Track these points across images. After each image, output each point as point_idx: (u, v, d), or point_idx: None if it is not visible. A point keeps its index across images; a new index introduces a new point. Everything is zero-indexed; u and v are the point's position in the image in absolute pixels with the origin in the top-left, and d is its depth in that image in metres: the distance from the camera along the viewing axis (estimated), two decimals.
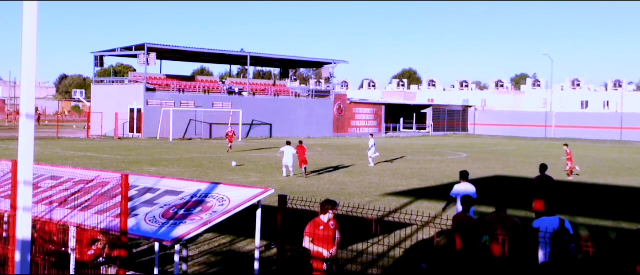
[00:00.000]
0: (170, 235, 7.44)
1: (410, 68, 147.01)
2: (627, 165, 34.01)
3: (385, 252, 11.44)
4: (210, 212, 7.83)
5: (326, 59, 68.60)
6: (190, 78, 64.66)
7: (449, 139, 64.06)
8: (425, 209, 17.10)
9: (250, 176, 24.97)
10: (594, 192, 23.04)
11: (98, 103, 56.26)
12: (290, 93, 66.55)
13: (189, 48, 58.03)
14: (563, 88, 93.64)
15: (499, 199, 9.99)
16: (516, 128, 75.68)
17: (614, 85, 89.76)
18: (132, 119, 53.48)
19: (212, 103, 57.02)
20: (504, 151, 45.19)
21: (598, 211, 18.00)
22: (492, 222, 9.57)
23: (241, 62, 71.32)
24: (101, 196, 8.39)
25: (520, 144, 56.98)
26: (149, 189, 8.75)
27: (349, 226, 9.50)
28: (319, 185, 22.30)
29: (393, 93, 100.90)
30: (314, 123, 64.01)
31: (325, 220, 8.57)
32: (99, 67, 59.82)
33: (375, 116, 70.88)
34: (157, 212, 8.04)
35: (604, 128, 69.07)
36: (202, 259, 11.41)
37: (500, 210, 9.87)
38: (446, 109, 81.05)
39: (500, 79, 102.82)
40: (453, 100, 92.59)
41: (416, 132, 76.78)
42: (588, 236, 13.26)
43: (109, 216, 7.97)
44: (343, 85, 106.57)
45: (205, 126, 55.94)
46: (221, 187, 8.52)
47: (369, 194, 20.34)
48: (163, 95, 54.65)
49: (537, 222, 9.67)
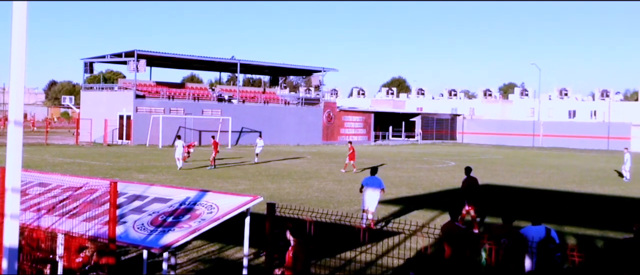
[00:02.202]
0: (159, 243, 7.43)
1: (400, 76, 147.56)
2: (613, 174, 34.26)
3: (373, 260, 11.46)
4: (198, 219, 7.83)
5: (316, 66, 68.75)
6: (179, 85, 64.56)
7: (438, 147, 64.28)
8: (413, 217, 17.15)
9: (239, 184, 24.93)
10: (581, 201, 23.20)
11: (87, 109, 56.04)
12: (280, 100, 66.60)
13: (179, 55, 57.97)
14: (550, 97, 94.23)
15: (506, 211, 9.96)
16: (504, 137, 76.05)
17: (601, 95, 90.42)
18: (122, 126, 53.35)
19: (201, 110, 56.95)
20: (492, 160, 45.40)
21: (585, 220, 18.12)
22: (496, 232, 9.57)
23: (231, 69, 71.24)
24: (89, 203, 8.38)
25: (507, 152, 57.27)
26: (137, 196, 8.75)
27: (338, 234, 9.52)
28: (308, 193, 22.31)
29: (382, 101, 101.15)
30: (304, 131, 64.05)
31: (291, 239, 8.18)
32: (88, 74, 59.67)
33: (364, 124, 71.02)
34: (146, 220, 8.03)
35: (591, 137, 69.57)
36: (191, 266, 11.39)
37: (507, 222, 9.83)
38: (435, 118, 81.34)
39: (488, 88, 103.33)
40: (442, 108, 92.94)
41: (405, 140, 76.98)
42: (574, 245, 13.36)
43: (97, 223, 7.96)
44: (332, 93, 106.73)
45: (194, 133, 55.79)
46: (210, 195, 8.53)
47: (358, 202, 20.31)
48: (152, 102, 54.54)
49: (524, 231, 9.72)
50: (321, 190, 23.35)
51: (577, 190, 26.58)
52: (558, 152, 61.16)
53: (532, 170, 36.23)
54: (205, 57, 60.75)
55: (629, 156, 32.14)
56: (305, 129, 64.21)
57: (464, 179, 16.88)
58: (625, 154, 32.56)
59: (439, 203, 20.53)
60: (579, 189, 27.03)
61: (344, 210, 17.41)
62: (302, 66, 68.72)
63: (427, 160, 42.81)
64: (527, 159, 48.17)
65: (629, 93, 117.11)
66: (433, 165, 38.80)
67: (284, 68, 68.67)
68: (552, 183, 29.14)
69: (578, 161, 46.13)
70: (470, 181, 16.63)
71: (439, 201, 21.28)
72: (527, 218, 15.04)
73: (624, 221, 17.72)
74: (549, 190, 26.32)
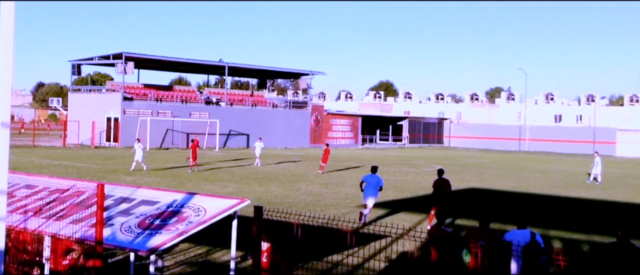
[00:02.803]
0: (146, 246, 7.44)
1: (387, 80, 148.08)
2: (599, 178, 34.51)
3: (360, 263, 11.51)
4: (186, 222, 7.85)
5: (304, 70, 68.83)
6: (167, 87, 64.37)
7: (425, 151, 64.51)
8: (400, 220, 17.22)
9: (226, 186, 24.91)
10: (566, 205, 23.39)
11: (75, 111, 55.77)
12: (268, 103, 66.57)
13: (167, 57, 57.84)
14: (537, 102, 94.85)
15: (482, 213, 10.08)
16: (490, 141, 76.43)
17: (586, 100, 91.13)
18: (109, 128, 53.16)
19: (189, 113, 56.85)
20: (478, 164, 45.63)
21: (570, 224, 18.28)
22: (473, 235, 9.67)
23: (219, 72, 71.17)
24: (76, 205, 8.37)
25: (494, 156, 57.58)
26: (124, 198, 8.75)
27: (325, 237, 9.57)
28: (296, 196, 22.33)
29: (370, 105, 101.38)
30: (291, 134, 64.04)
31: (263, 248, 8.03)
32: (76, 76, 59.43)
33: (352, 127, 71.15)
34: (133, 222, 8.03)
35: (577, 142, 70.12)
36: (178, 269, 11.38)
37: (484, 225, 9.95)
38: (422, 121, 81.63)
39: (475, 92, 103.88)
40: (429, 112, 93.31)
41: (392, 144, 77.17)
42: (560, 249, 13.47)
43: (84, 226, 7.95)
44: (320, 96, 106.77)
45: (182, 136, 55.68)
46: (197, 198, 8.54)
47: (345, 205, 20.42)
48: (140, 105, 54.37)
49: (509, 235, 9.81)
50: (308, 194, 23.38)
51: (563, 194, 26.79)
52: (544, 156, 61.59)
53: (518, 174, 36.46)
54: (193, 59, 60.66)
55: (598, 160, 32.87)
56: (292, 132, 64.22)
57: (434, 180, 17.58)
58: (596, 157, 33.37)
59: (425, 206, 20.59)
60: (564, 193, 27.24)
61: (331, 213, 17.45)
62: (290, 69, 68.78)
63: (414, 164, 42.97)
64: (513, 163, 48.46)
65: (615, 98, 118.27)
66: (420, 168, 38.94)
67: (272, 71, 68.69)
68: (538, 187, 29.34)
69: (564, 165, 46.47)
70: (440, 183, 17.31)
71: (425, 205, 21.33)
72: (512, 222, 15.18)
73: (609, 225, 17.90)
74: (534, 194, 26.52)
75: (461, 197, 24.54)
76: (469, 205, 21.79)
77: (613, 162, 53.39)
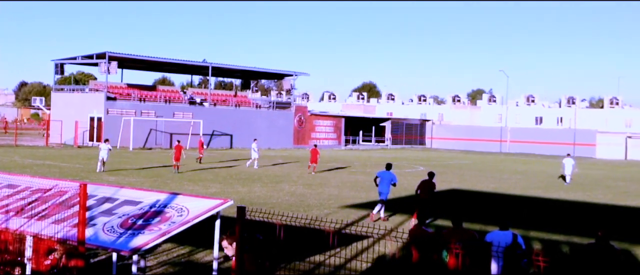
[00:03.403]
0: (128, 246, 7.44)
1: (370, 81, 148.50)
2: (579, 180, 34.95)
3: (342, 264, 11.59)
4: (168, 222, 7.85)
5: (287, 70, 68.82)
6: (151, 87, 64.09)
7: (407, 152, 64.79)
8: (382, 221, 17.33)
9: (209, 187, 24.89)
10: (547, 206, 23.66)
11: (58, 111, 55.40)
12: (251, 104, 66.49)
13: (151, 57, 57.60)
14: (518, 104, 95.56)
15: (455, 214, 10.21)
16: (472, 142, 76.95)
17: (567, 102, 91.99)
18: (92, 128, 52.89)
19: (173, 113, 56.66)
20: (460, 165, 45.94)
21: (550, 225, 18.50)
22: (449, 235, 9.78)
23: (203, 73, 70.94)
24: (59, 205, 8.34)
25: (475, 158, 57.98)
26: (107, 198, 8.73)
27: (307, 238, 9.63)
28: (279, 197, 22.37)
29: (353, 106, 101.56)
30: (275, 134, 64.01)
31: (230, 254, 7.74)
32: (59, 75, 59.02)
33: (335, 128, 71.26)
34: (116, 222, 8.03)
35: (557, 144, 70.76)
36: (160, 269, 11.39)
37: (457, 225, 10.10)
38: (404, 123, 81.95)
39: (457, 94, 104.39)
40: (411, 114, 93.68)
41: (375, 145, 77.40)
42: (540, 250, 13.64)
43: (67, 225, 7.93)
44: (304, 97, 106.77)
45: (165, 136, 55.48)
46: (180, 198, 8.54)
47: (328, 206, 20.50)
48: (124, 105, 54.13)
49: (490, 236, 9.91)
50: (292, 194, 23.43)
51: (543, 195, 27.08)
52: (525, 157, 62.13)
53: (499, 176, 36.78)
54: (177, 59, 60.46)
55: (570, 161, 33.63)
56: (276, 133, 64.19)
57: (423, 181, 18.25)
58: (566, 159, 34.18)
59: (407, 207, 20.75)
60: (545, 194, 27.54)
61: (314, 213, 17.53)
62: (274, 70, 68.76)
63: (397, 165, 43.10)
64: (494, 164, 48.83)
65: (595, 100, 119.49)
66: (402, 169, 39.12)
67: (255, 72, 68.63)
68: (519, 188, 29.63)
69: (544, 167, 46.92)
70: (428, 184, 17.98)
71: (407, 205, 21.51)
72: (493, 223, 15.34)
73: (588, 227, 18.16)
74: (515, 195, 26.78)
75: (442, 198, 24.73)
76: (450, 206, 21.95)
77: (593, 164, 54.03)
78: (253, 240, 9.25)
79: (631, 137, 70.30)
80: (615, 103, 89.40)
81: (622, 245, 15.20)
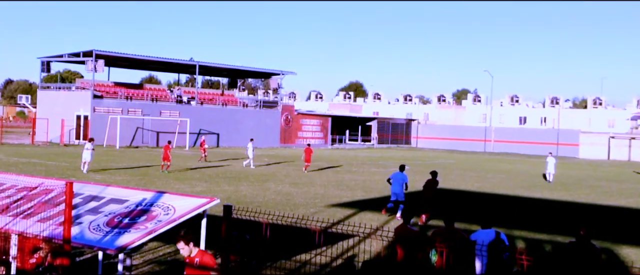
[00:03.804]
0: (114, 244, 7.45)
1: (357, 81, 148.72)
2: (562, 180, 35.27)
3: (328, 262, 11.65)
4: (155, 221, 7.87)
5: (274, 69, 68.80)
6: (138, 86, 63.86)
7: (393, 152, 64.99)
8: (368, 220, 17.42)
9: (196, 185, 24.86)
10: (530, 205, 23.87)
11: (44, 109, 55.08)
12: (238, 103, 66.42)
13: (138, 56, 57.38)
14: (502, 104, 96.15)
15: (447, 213, 10.25)
16: (457, 142, 77.34)
17: (551, 102, 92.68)
18: (79, 126, 52.68)
19: (159, 111, 56.48)
20: (445, 164, 46.15)
21: (533, 224, 18.68)
22: (438, 235, 9.85)
23: (190, 71, 70.74)
24: (45, 204, 8.34)
25: (460, 157, 58.28)
26: (93, 197, 8.74)
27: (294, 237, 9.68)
28: (265, 196, 22.40)
29: (339, 105, 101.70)
30: (261, 133, 63.93)
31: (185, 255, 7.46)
32: (45, 73, 58.73)
33: (322, 128, 71.33)
34: (102, 221, 8.04)
35: (541, 143, 71.34)
36: (146, 268, 11.39)
37: (449, 224, 10.16)
38: (390, 122, 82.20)
39: (442, 94, 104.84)
40: (397, 113, 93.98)
41: (361, 144, 77.55)
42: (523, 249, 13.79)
43: (52, 224, 7.93)
44: (290, 96, 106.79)
45: (152, 134, 55.29)
46: (166, 196, 8.57)
47: (314, 205, 20.57)
48: (110, 103, 53.94)
49: (474, 235, 10.01)
50: (278, 193, 23.47)
51: (527, 195, 27.31)
52: (509, 157, 62.54)
53: (483, 175, 37.02)
54: (164, 58, 60.29)
55: (552, 160, 34.42)
56: (263, 132, 64.14)
57: (427, 180, 19.24)
58: (548, 158, 34.94)
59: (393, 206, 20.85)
60: (528, 193, 27.77)
61: (300, 212, 17.58)
62: (261, 69, 68.71)
63: (383, 164, 43.30)
64: (478, 163, 49.11)
65: (578, 101, 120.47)
66: (388, 169, 39.24)
67: (242, 70, 68.53)
68: (503, 188, 29.86)
69: (528, 166, 47.26)
70: (431, 183, 18.98)
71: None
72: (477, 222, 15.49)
73: (571, 226, 18.38)
74: (499, 194, 26.99)
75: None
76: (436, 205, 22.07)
77: (576, 164, 54.52)
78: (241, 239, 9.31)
79: (614, 137, 70.97)
80: (599, 103, 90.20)
81: (605, 245, 15.42)
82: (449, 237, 9.46)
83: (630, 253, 14.79)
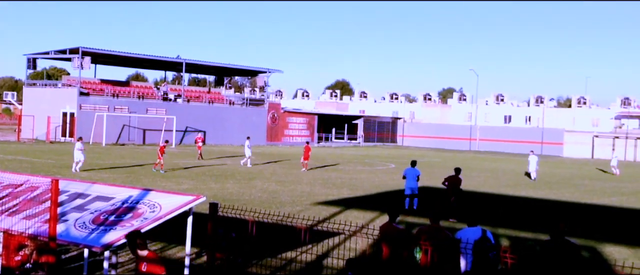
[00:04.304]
0: (100, 242, 7.46)
1: (343, 79, 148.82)
2: (546, 178, 35.58)
3: (314, 260, 11.71)
4: (141, 218, 7.88)
5: (261, 67, 68.73)
6: (124, 83, 63.60)
7: (379, 150, 65.19)
8: (354, 218, 17.49)
9: (182, 183, 24.82)
10: (515, 203, 24.08)
11: (30, 106, 54.77)
12: (225, 101, 66.33)
13: (124, 53, 57.15)
14: (487, 103, 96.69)
15: (433, 211, 10.29)
16: (442, 140, 77.66)
17: (536, 101, 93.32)
18: (65, 123, 52.46)
19: (146, 109, 56.30)
20: (430, 163, 46.37)
21: (518, 222, 18.84)
22: (423, 233, 9.91)
23: (176, 69, 70.41)
24: (30, 201, 8.33)
25: (445, 155, 58.54)
26: (79, 194, 8.73)
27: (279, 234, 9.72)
28: (251, 194, 22.42)
29: (326, 103, 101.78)
30: (248, 131, 63.70)
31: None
32: (31, 70, 58.37)
33: (308, 126, 71.38)
34: (87, 218, 8.03)
35: (526, 142, 71.84)
36: (132, 265, 11.35)
37: (434, 222, 10.20)
38: (376, 120, 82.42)
39: (428, 93, 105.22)
40: (383, 111, 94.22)
41: (347, 142, 77.70)
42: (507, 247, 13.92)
43: (38, 221, 7.92)
44: (277, 94, 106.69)
45: (138, 132, 55.11)
46: (152, 194, 8.58)
47: (300, 203, 20.62)
48: (97, 100, 53.74)
49: (460, 233, 10.06)
50: (264, 191, 23.49)
51: (512, 193, 27.53)
52: (494, 156, 62.92)
53: (469, 174, 37.20)
54: (151, 55, 59.99)
55: (534, 158, 35.10)
56: (249, 130, 63.94)
57: (449, 176, 19.76)
58: (530, 156, 35.58)
59: (378, 204, 20.98)
60: (513, 192, 27.99)
61: (286, 210, 17.62)
62: (248, 67, 68.60)
63: (368, 162, 43.44)
64: (464, 162, 49.30)
65: (562, 100, 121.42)
66: (374, 167, 39.41)
67: (229, 68, 68.38)
68: (488, 186, 30.07)
69: (513, 165, 47.59)
70: (453, 179, 19.42)
71: (378, 202, 21.74)
72: (462, 220, 15.62)
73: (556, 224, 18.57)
74: (484, 193, 27.18)
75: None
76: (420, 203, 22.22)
77: (560, 163, 54.98)
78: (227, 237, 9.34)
79: (598, 137, 71.63)
80: (583, 103, 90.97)
81: (589, 243, 15.61)
82: (433, 235, 9.51)
83: (614, 251, 14.98)
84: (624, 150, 66.64)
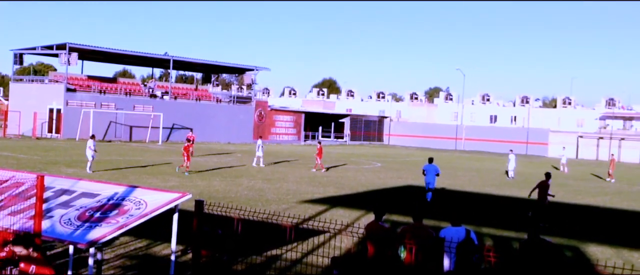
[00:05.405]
0: (85, 238, 7.45)
1: (331, 77, 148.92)
2: (531, 178, 35.80)
3: (299, 258, 11.76)
4: (126, 215, 7.87)
5: (248, 65, 68.65)
6: (111, 79, 63.26)
7: (365, 149, 65.34)
8: (339, 216, 17.57)
9: (168, 180, 24.78)
10: (499, 203, 24.26)
11: (16, 102, 54.45)
12: (212, 98, 66.19)
13: (112, 49, 56.89)
14: (473, 102, 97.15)
15: (416, 210, 10.36)
16: (428, 139, 77.99)
17: (521, 101, 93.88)
18: (51, 119, 52.15)
19: (133, 105, 56.08)
20: (416, 162, 46.55)
21: (502, 222, 19.00)
22: (407, 232, 9.98)
23: (164, 66, 70.16)
24: (15, 197, 8.30)
25: (431, 155, 58.59)
26: (65, 190, 8.70)
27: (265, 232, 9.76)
28: (237, 191, 22.43)
29: (313, 101, 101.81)
30: (235, 129, 63.89)
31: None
32: (18, 65, 58.04)
33: (295, 124, 71.40)
34: (73, 214, 8.01)
35: (511, 142, 72.28)
36: (118, 262, 11.38)
37: (417, 221, 10.29)
38: (363, 119, 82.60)
39: (415, 92, 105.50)
40: (370, 110, 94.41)
41: (334, 141, 77.80)
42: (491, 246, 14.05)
43: (23, 217, 7.89)
44: (264, 92, 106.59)
45: (125, 128, 54.86)
46: (138, 191, 8.56)
47: (286, 201, 20.66)
48: (83, 96, 53.45)
49: (443, 232, 10.15)
50: (250, 189, 23.51)
51: (496, 192, 27.74)
52: (479, 155, 63.29)
53: (454, 173, 37.45)
54: (138, 52, 59.78)
55: (513, 157, 36.39)
56: (236, 127, 64.08)
57: (540, 181, 20.17)
58: (510, 155, 36.71)
59: (364, 203, 21.07)
60: (497, 191, 28.20)
61: (272, 208, 17.67)
62: (235, 64, 68.50)
63: (355, 161, 43.55)
64: (449, 161, 49.60)
65: (548, 100, 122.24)
66: (360, 165, 39.52)
67: (216, 66, 68.27)
68: (472, 185, 30.27)
69: (498, 164, 47.88)
70: (542, 185, 19.90)
71: (364, 201, 21.83)
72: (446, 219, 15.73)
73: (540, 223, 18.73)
74: (469, 192, 27.36)
75: (398, 194, 25.18)
76: (406, 202, 22.35)
77: (545, 163, 55.40)
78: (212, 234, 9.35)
79: (582, 137, 72.27)
80: (568, 103, 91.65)
81: (571, 243, 15.79)
82: (417, 233, 9.59)
83: (596, 251, 15.15)
84: (608, 150, 67.22)
